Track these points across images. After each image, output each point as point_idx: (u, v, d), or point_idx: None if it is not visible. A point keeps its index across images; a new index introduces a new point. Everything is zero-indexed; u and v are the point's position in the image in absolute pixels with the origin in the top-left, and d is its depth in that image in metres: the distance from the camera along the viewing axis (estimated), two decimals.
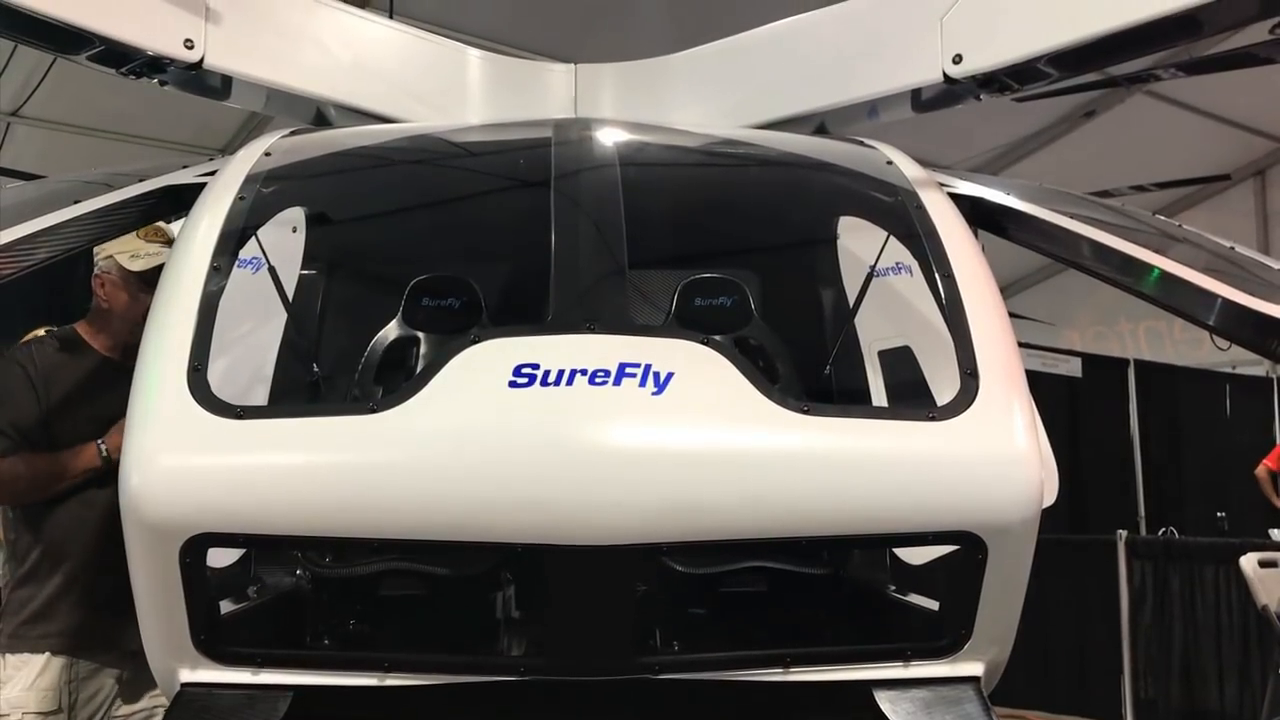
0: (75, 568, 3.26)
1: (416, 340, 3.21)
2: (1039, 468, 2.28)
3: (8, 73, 9.22)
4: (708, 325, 2.76)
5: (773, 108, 3.41)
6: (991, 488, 2.25)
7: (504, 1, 9.17)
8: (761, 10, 3.76)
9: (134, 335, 3.42)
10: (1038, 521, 2.28)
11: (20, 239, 2.54)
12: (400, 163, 3.28)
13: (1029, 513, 2.25)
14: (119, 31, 2.84)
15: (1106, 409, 10.14)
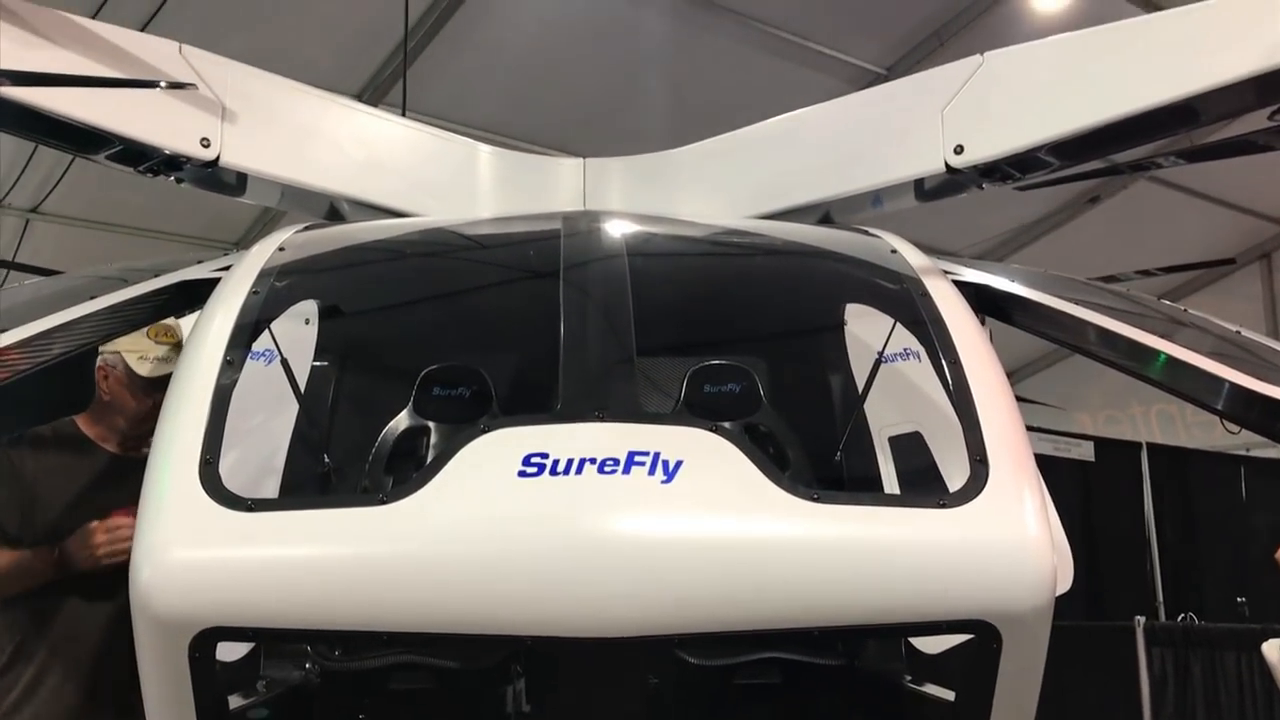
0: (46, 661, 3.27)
1: (427, 430, 3.22)
2: (1051, 553, 2.26)
3: (27, 171, 9.42)
4: (717, 412, 2.77)
5: (778, 198, 3.46)
6: (1004, 575, 2.23)
7: (513, 97, 9.36)
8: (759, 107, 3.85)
9: (133, 429, 3.50)
10: (1052, 608, 2.26)
11: (36, 335, 2.57)
12: (412, 256, 3.33)
13: (1043, 599, 2.23)
14: (137, 131, 2.91)
15: (1120, 493, 10.06)
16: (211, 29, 7.39)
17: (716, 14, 9.04)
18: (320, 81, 4.05)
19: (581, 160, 3.81)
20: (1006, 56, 3.06)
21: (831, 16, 9.24)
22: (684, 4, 8.90)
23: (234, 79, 3.19)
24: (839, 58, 9.64)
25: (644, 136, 4.84)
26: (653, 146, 3.80)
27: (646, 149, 3.81)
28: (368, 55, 8.86)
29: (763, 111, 3.65)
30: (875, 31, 9.56)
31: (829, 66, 9.65)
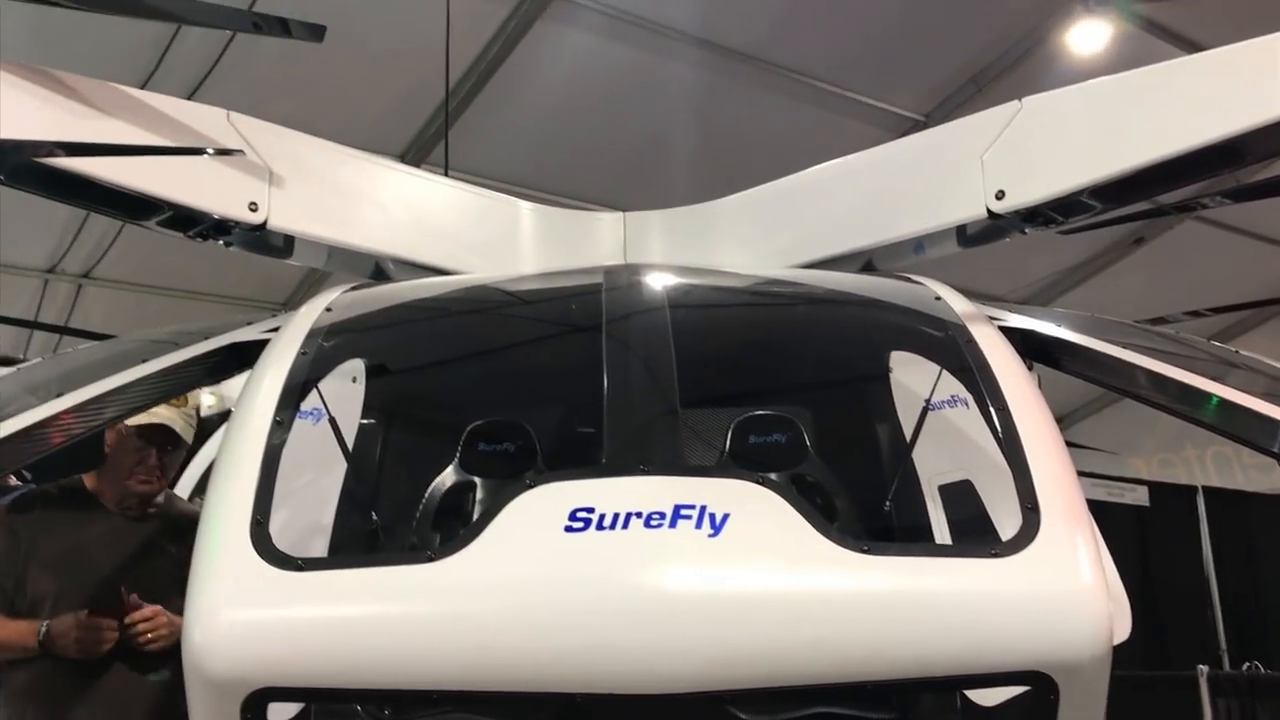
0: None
1: (473, 485, 3.23)
2: (1108, 601, 2.22)
3: (79, 238, 9.64)
4: (762, 463, 2.76)
5: (819, 247, 3.46)
6: (1059, 624, 2.19)
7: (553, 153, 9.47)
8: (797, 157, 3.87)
9: (123, 484, 3.57)
10: (1110, 658, 2.21)
11: (90, 399, 2.62)
12: (456, 313, 3.36)
13: (1100, 649, 2.19)
14: (187, 197, 2.98)
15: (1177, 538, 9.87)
16: (257, 95, 7.55)
17: (752, 65, 9.12)
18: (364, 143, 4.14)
19: (621, 214, 3.84)
20: (1045, 101, 3.06)
21: (868, 65, 9.28)
22: (720, 57, 8.99)
23: (280, 144, 3.26)
24: (877, 105, 9.68)
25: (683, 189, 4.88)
26: (692, 198, 3.83)
27: (685, 201, 3.83)
28: (410, 117, 9.01)
29: (801, 161, 3.67)
30: (912, 79, 9.59)
31: (867, 115, 9.68)
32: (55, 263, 9.97)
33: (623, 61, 8.92)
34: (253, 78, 7.95)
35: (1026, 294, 11.71)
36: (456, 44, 5.77)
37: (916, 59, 9.33)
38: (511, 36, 8.45)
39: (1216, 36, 2.87)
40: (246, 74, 7.97)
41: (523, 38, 8.48)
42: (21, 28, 6.76)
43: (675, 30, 8.69)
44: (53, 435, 2.64)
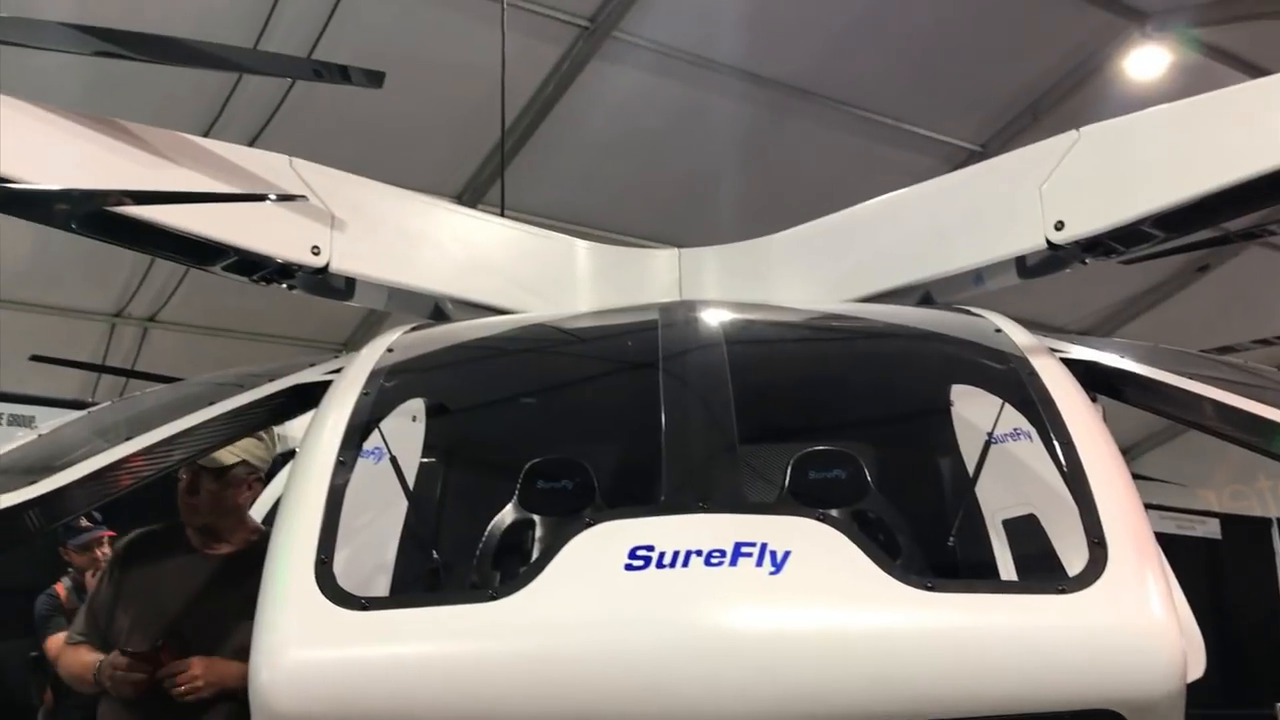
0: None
1: (532, 523, 3.24)
2: (1180, 637, 2.17)
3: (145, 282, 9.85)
4: (823, 500, 2.73)
5: (876, 281, 3.45)
6: (1130, 661, 2.15)
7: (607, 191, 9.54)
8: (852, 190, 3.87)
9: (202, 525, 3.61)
10: (1184, 696, 2.16)
11: (159, 441, 2.67)
12: (514, 352, 3.38)
13: (1173, 686, 2.14)
14: (252, 243, 3.04)
15: (1251, 572, 9.62)
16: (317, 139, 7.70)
17: (806, 100, 9.14)
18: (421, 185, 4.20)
19: (676, 250, 3.86)
20: (1103, 130, 3.03)
21: (922, 95, 9.27)
22: (770, 90, 9.02)
23: (341, 187, 3.32)
24: (932, 137, 9.65)
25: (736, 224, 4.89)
26: (745, 234, 3.84)
27: (739, 236, 3.84)
28: (466, 158, 9.13)
29: (855, 194, 3.66)
30: (968, 109, 9.56)
31: (922, 146, 9.66)
32: (122, 307, 10.19)
33: (674, 98, 8.98)
34: (312, 123, 8.11)
35: (1088, 324, 11.56)
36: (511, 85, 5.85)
37: (971, 88, 9.30)
38: (565, 76, 8.56)
39: (1278, 61, 2.83)
40: (306, 119, 8.14)
41: (576, 77, 8.58)
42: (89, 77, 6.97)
43: (726, 65, 8.74)
44: (122, 478, 2.70)
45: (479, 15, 7.58)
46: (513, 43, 5.75)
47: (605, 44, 8.38)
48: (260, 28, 7.58)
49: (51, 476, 2.66)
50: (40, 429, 3.36)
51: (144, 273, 9.64)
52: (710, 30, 8.36)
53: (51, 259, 9.11)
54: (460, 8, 7.84)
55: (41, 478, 2.67)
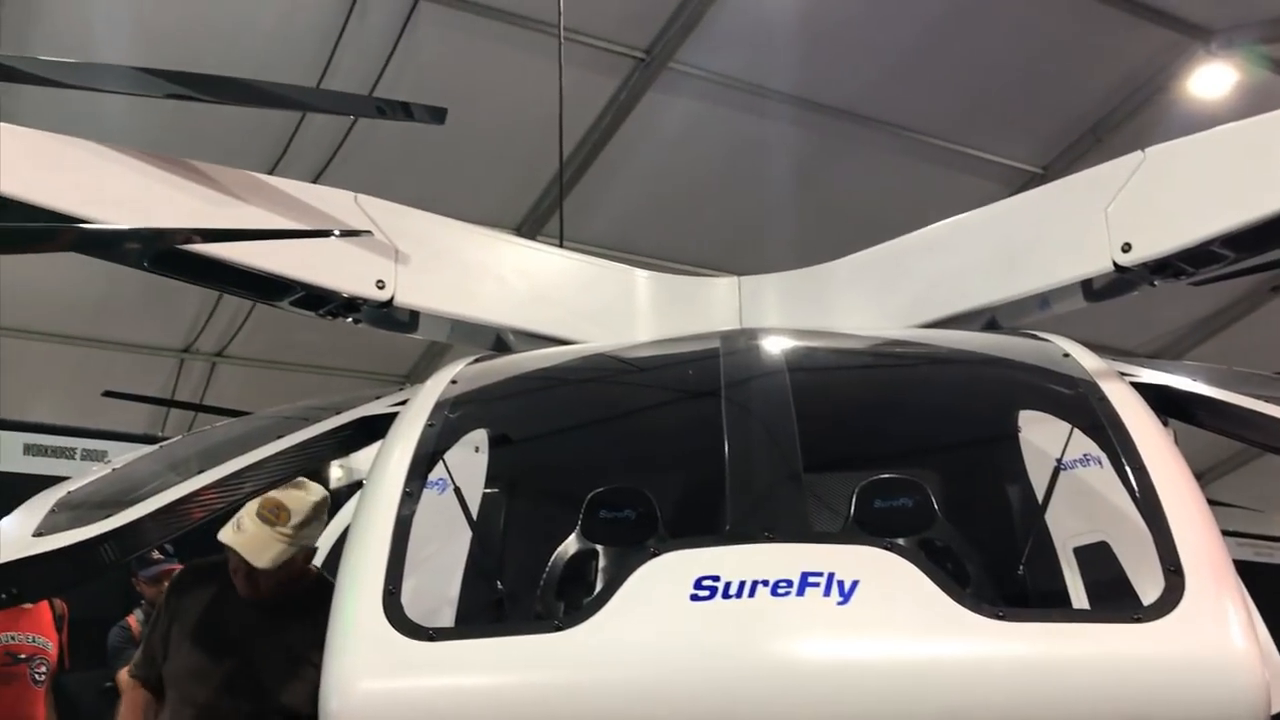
0: None
1: (595, 553, 3.24)
2: (1262, 667, 2.11)
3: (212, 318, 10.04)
4: (889, 528, 2.70)
5: (940, 306, 3.42)
6: (1211, 693, 2.09)
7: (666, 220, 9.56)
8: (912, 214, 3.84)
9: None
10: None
11: (230, 474, 2.72)
12: (576, 382, 3.39)
13: (1257, 718, 2.08)
14: (318, 278, 3.09)
15: None
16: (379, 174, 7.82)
17: (864, 125, 9.11)
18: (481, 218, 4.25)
19: (736, 279, 3.85)
20: (1170, 150, 2.99)
21: (981, 118, 9.20)
22: (826, 116, 9.00)
23: (404, 222, 3.36)
24: (993, 160, 9.56)
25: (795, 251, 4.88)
26: (804, 261, 3.82)
27: (799, 263, 3.83)
28: (525, 191, 9.21)
29: (916, 219, 3.64)
30: (1029, 131, 9.46)
31: (982, 169, 9.58)
32: (190, 343, 10.38)
33: (730, 126, 9.00)
34: (375, 158, 8.24)
35: (1157, 347, 11.34)
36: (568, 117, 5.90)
37: (1032, 110, 9.21)
38: (622, 107, 8.61)
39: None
40: (369, 155, 8.27)
41: (633, 108, 8.63)
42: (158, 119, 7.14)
43: (782, 93, 8.75)
44: (194, 511, 2.74)
45: (536, 49, 7.66)
46: (570, 75, 5.80)
47: (661, 75, 8.43)
48: (323, 66, 7.73)
49: (125, 510, 2.71)
50: (114, 463, 3.42)
51: (211, 309, 9.82)
52: (766, 58, 8.37)
53: (122, 297, 9.32)
54: (518, 43, 7.93)
55: (115, 511, 2.72)
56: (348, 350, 10.18)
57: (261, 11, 7.51)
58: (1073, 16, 8.37)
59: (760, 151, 9.16)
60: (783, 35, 8.15)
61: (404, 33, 7.76)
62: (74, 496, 3.05)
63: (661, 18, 8.15)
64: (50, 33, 7.18)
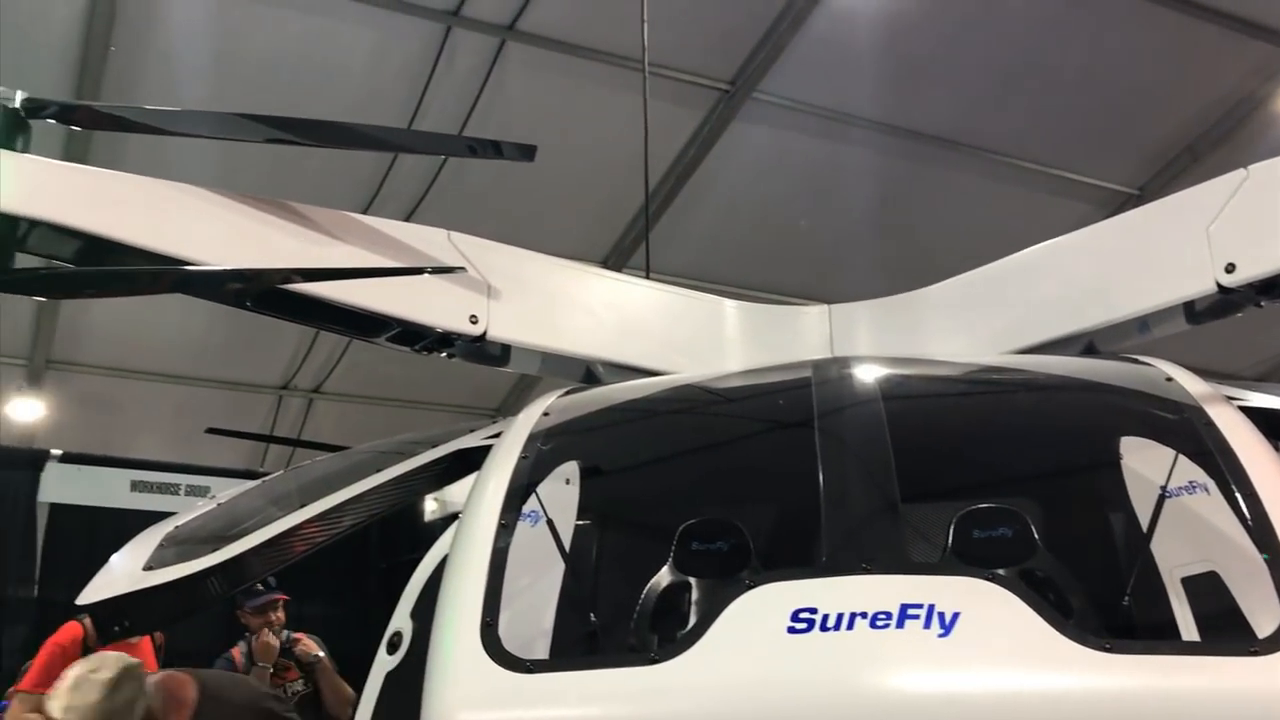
0: None
1: (688, 586, 3.22)
2: None
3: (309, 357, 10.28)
4: (988, 559, 2.65)
5: (1036, 332, 3.35)
6: None
7: (752, 250, 9.56)
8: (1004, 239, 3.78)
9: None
10: None
11: (330, 508, 2.77)
12: (667, 414, 3.39)
13: None
14: (415, 314, 3.14)
15: None
16: (468, 210, 7.96)
17: (951, 150, 9.03)
18: (567, 252, 4.28)
19: (826, 307, 3.83)
20: (1274, 168, 2.90)
21: (1075, 141, 9.05)
22: (913, 142, 8.94)
23: (496, 258, 3.41)
24: (1086, 182, 9.40)
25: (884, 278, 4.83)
26: (894, 287, 3.78)
27: (888, 291, 3.79)
28: (610, 224, 9.29)
29: (1009, 244, 3.58)
30: (1123, 152, 9.29)
31: (1076, 191, 9.41)
32: (288, 380, 10.64)
33: (816, 154, 8.99)
34: (464, 195, 8.39)
35: (1264, 370, 10.99)
36: (653, 150, 5.95)
37: (1126, 131, 9.05)
38: (707, 139, 8.65)
39: None
40: (458, 192, 8.42)
41: (718, 139, 8.66)
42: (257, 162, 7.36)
43: (867, 119, 8.71)
44: (295, 544, 2.80)
45: (621, 85, 7.76)
46: (655, 109, 5.85)
47: (746, 105, 8.45)
48: (414, 107, 7.90)
49: (231, 545, 2.78)
50: (218, 498, 3.52)
51: (308, 347, 10.06)
52: (851, 85, 8.36)
53: (222, 337, 9.60)
54: (603, 79, 8.03)
55: (221, 546, 2.79)
56: (439, 385, 10.35)
57: (353, 56, 7.71)
58: (1166, 34, 8.22)
59: (846, 178, 9.13)
60: (867, 62, 8.13)
61: (492, 72, 7.91)
62: (181, 531, 3.14)
63: (745, 49, 8.19)
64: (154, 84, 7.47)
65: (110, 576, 3.03)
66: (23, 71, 6.94)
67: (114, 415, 10.38)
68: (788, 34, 8.00)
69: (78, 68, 7.25)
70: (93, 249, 2.77)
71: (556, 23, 7.78)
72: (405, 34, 7.66)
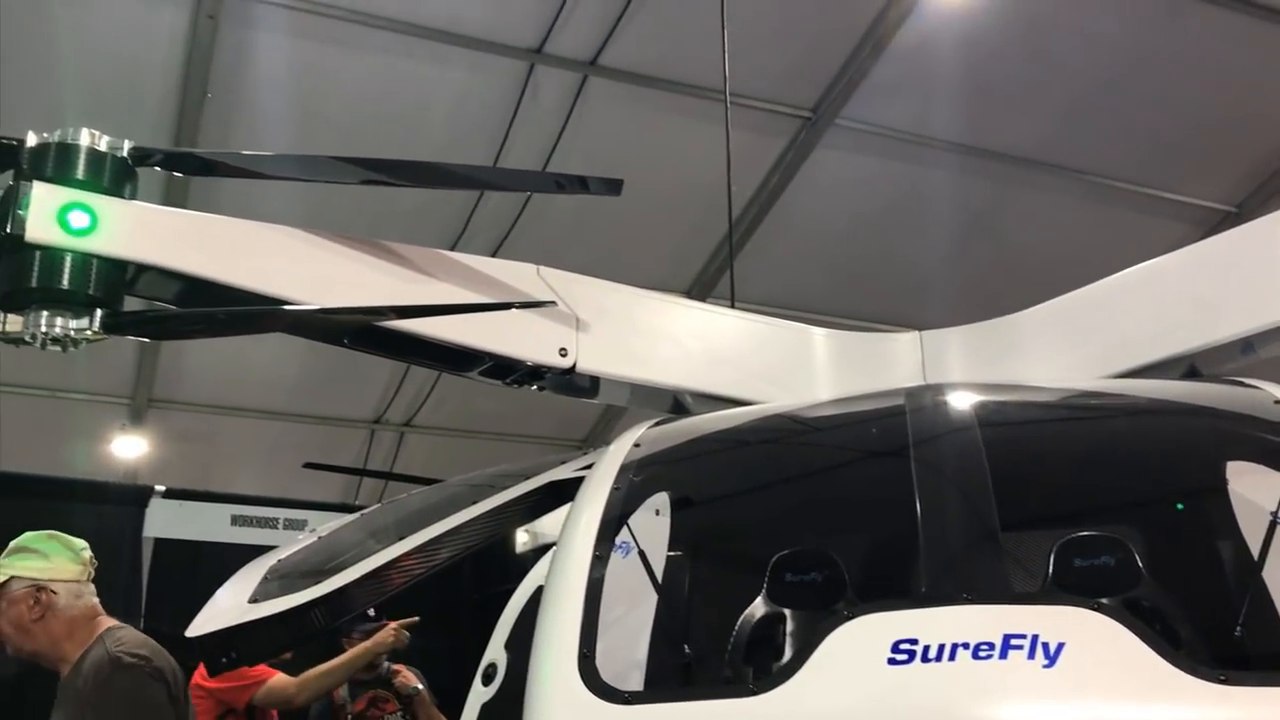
0: None
1: (783, 617, 3.19)
2: None
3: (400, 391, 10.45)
4: (1091, 588, 2.58)
5: (1135, 355, 3.28)
6: None
7: (839, 276, 9.52)
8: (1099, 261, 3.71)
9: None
10: None
11: (428, 541, 2.81)
12: (757, 444, 3.38)
13: None
14: (506, 348, 3.18)
15: None
16: (553, 243, 8.05)
17: (1039, 171, 8.90)
18: (651, 282, 4.30)
19: (917, 333, 3.79)
20: None
21: (1168, 159, 8.86)
22: (1000, 164, 8.83)
23: (583, 290, 3.44)
24: (1181, 200, 9.19)
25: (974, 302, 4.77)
26: (985, 312, 3.73)
27: (979, 316, 3.74)
28: (693, 253, 9.32)
29: (1102, 266, 3.51)
30: (1219, 169, 9.07)
31: (1171, 210, 9.21)
32: (380, 414, 10.82)
33: (900, 178, 8.93)
34: (549, 228, 8.49)
35: None
36: (736, 179, 5.96)
37: (1221, 147, 8.83)
38: (789, 166, 8.65)
39: None
40: (544, 225, 8.52)
41: (800, 166, 8.65)
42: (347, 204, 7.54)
43: (952, 142, 8.63)
44: (395, 577, 2.84)
45: (702, 115, 7.79)
46: (737, 138, 5.87)
47: (828, 131, 8.43)
48: (499, 144, 8.03)
49: (333, 577, 2.84)
50: (319, 530, 3.59)
51: (399, 382, 10.24)
52: (935, 108, 8.30)
53: (316, 373, 9.81)
54: (684, 110, 8.08)
55: (323, 578, 2.85)
56: (527, 417, 10.44)
57: (439, 97, 7.87)
58: (1260, 48, 8.03)
59: (931, 202, 9.05)
60: (951, 84, 8.08)
61: (574, 107, 8.01)
62: (284, 565, 3.20)
63: (826, 76, 8.18)
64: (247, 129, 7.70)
65: (217, 609, 3.11)
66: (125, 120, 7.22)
67: (213, 451, 10.65)
68: (869, 60, 7.98)
69: (176, 115, 7.51)
70: (195, 290, 2.86)
71: (637, 57, 7.85)
72: (490, 73, 7.81)
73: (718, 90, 6.01)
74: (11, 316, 2.64)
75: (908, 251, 9.42)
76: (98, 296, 2.68)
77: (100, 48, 7.10)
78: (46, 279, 2.62)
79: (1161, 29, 7.91)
